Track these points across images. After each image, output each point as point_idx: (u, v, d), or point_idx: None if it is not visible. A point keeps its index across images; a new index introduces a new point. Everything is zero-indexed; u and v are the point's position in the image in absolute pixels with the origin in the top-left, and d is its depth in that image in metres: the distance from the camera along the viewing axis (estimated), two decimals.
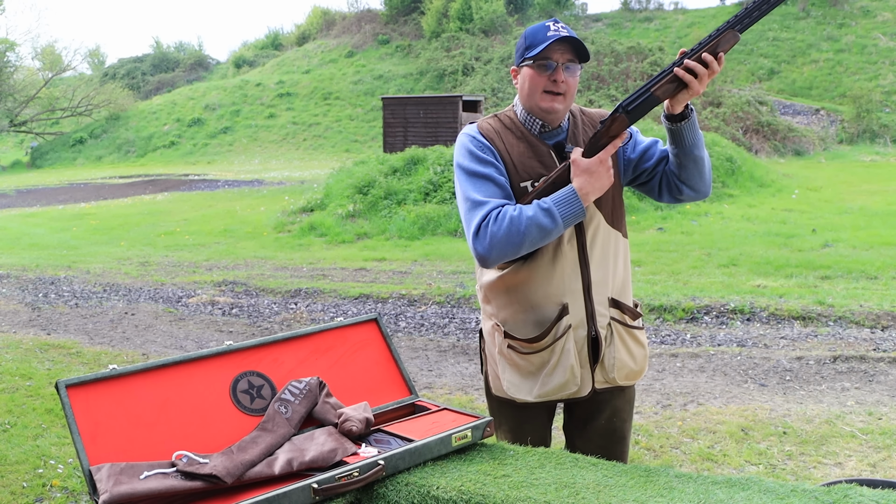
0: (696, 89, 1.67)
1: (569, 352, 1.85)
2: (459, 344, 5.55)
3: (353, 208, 11.31)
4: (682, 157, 1.82)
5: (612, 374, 1.90)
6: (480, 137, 1.87)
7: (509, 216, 1.72)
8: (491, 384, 2.00)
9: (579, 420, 2.02)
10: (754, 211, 10.66)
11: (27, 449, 3.62)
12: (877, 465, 3.29)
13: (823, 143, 21.28)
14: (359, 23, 37.89)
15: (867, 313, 5.60)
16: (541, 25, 1.81)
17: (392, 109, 17.91)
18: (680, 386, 4.44)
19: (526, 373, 1.89)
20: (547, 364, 1.86)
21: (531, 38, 1.81)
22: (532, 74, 1.82)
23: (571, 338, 1.85)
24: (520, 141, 1.87)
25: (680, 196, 1.90)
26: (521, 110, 1.90)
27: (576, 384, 1.88)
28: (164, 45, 50.89)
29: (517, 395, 1.91)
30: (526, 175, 1.85)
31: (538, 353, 1.86)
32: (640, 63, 25.81)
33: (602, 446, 1.94)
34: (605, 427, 1.99)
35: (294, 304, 6.99)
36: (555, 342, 1.85)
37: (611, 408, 1.98)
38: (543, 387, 1.88)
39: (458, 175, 1.86)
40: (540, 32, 1.80)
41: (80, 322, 6.58)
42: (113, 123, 33.42)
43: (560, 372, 1.86)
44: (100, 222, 13.30)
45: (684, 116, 1.76)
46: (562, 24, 1.81)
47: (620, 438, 2.01)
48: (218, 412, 1.61)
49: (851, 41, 26.69)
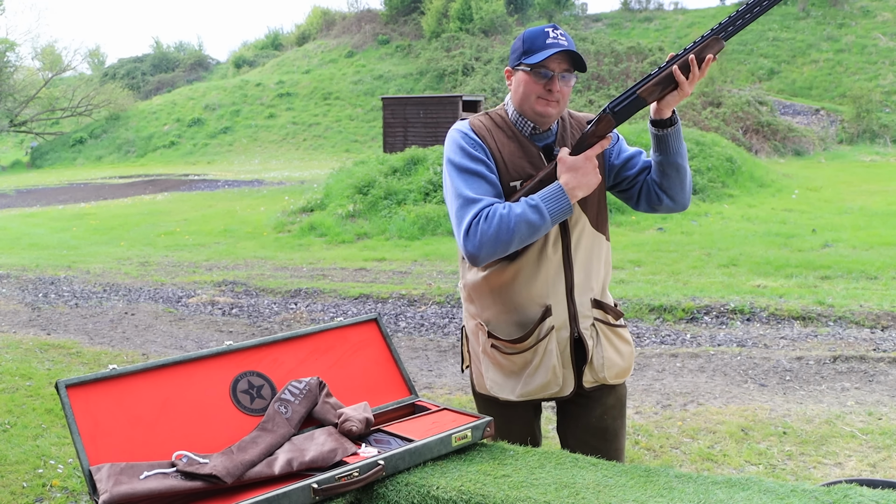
0: (685, 91, 1.70)
1: (551, 352, 1.88)
2: (459, 344, 5.55)
3: (353, 208, 11.31)
4: (665, 165, 1.85)
5: (602, 373, 1.93)
6: (472, 134, 1.87)
7: (499, 214, 1.72)
8: (475, 382, 2.02)
9: (571, 420, 2.03)
10: (754, 211, 10.67)
11: (27, 449, 3.62)
12: (877, 465, 3.29)
13: (823, 143, 21.29)
14: (359, 23, 37.90)
15: (867, 313, 5.60)
16: (540, 31, 1.80)
17: (392, 109, 17.92)
18: (680, 386, 4.44)
19: (508, 372, 1.91)
20: (529, 364, 1.89)
21: (529, 43, 1.80)
22: (528, 80, 1.82)
23: (554, 339, 1.88)
24: (510, 140, 1.87)
25: (658, 206, 1.93)
26: (513, 111, 1.90)
27: (557, 384, 1.90)
28: (164, 45, 50.94)
29: (500, 394, 1.93)
30: (516, 174, 1.85)
31: (521, 353, 1.89)
32: (640, 63, 25.81)
33: (595, 446, 1.95)
34: (597, 426, 2.00)
35: (294, 304, 6.99)
36: (537, 343, 1.87)
37: (601, 406, 1.99)
38: (526, 386, 1.90)
39: (449, 171, 1.86)
40: (539, 38, 1.79)
41: (80, 322, 6.58)
42: (113, 123, 33.42)
43: (542, 372, 1.88)
44: (100, 222, 13.30)
45: (671, 123, 1.79)
46: (561, 30, 1.81)
47: (613, 436, 2.02)
48: (218, 412, 1.61)
49: (851, 41, 26.70)
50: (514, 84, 1.87)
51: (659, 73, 1.71)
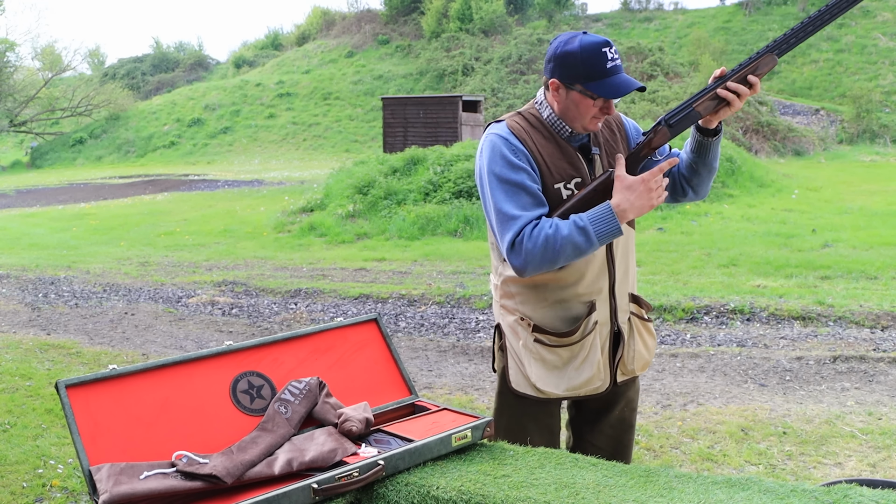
0: (736, 107, 1.75)
1: (597, 347, 1.89)
2: (459, 344, 5.55)
3: (353, 208, 11.31)
4: (699, 165, 1.90)
5: (632, 365, 1.96)
6: (514, 140, 1.82)
7: (545, 234, 1.71)
8: (511, 378, 1.96)
9: (593, 413, 2.05)
10: (754, 211, 10.67)
11: (27, 449, 3.62)
12: (877, 465, 3.29)
13: (823, 143, 21.29)
14: (359, 23, 37.92)
15: (867, 313, 5.60)
16: (597, 49, 1.73)
17: (392, 109, 17.92)
18: (680, 386, 4.44)
19: (552, 367, 1.90)
20: (575, 358, 1.89)
21: (589, 65, 1.73)
22: (582, 100, 1.78)
23: (598, 334, 1.89)
24: (548, 142, 1.85)
25: (682, 198, 1.98)
26: (551, 114, 1.85)
27: (600, 379, 1.91)
28: (163, 46, 50.95)
29: (545, 388, 1.90)
30: (559, 176, 1.83)
31: (567, 346, 1.88)
32: (640, 63, 25.81)
33: (613, 437, 2.01)
34: (619, 417, 2.04)
35: (294, 304, 6.99)
36: (584, 338, 1.87)
37: (625, 399, 2.03)
38: (571, 381, 1.89)
39: (490, 181, 1.81)
40: (599, 61, 1.72)
41: (80, 322, 6.58)
42: (113, 123, 33.43)
43: (588, 367, 1.89)
44: (100, 222, 13.30)
45: (717, 132, 1.84)
46: (614, 47, 1.76)
47: (629, 427, 2.07)
48: (218, 412, 1.61)
49: (851, 41, 26.71)
50: (562, 98, 1.81)
51: (714, 87, 1.76)
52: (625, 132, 1.99)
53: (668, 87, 24.41)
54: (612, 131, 1.96)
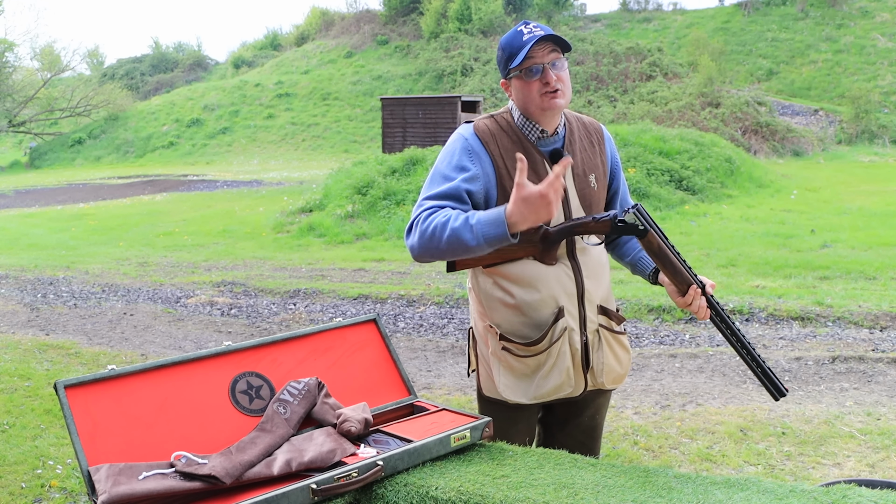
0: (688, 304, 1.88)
1: (565, 354, 1.86)
2: (458, 344, 5.55)
3: (352, 209, 11.30)
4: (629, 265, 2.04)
5: (601, 378, 1.93)
6: (475, 141, 1.83)
7: (438, 221, 1.67)
8: (482, 385, 1.98)
9: (562, 417, 2.05)
10: (753, 211, 10.67)
11: (26, 449, 3.62)
12: (875, 465, 3.29)
13: (822, 143, 21.31)
14: (358, 23, 37.92)
15: (866, 314, 5.60)
16: (514, 32, 1.79)
17: (391, 110, 17.93)
18: (679, 386, 4.44)
19: (520, 375, 1.89)
20: (543, 367, 1.87)
21: (509, 47, 1.79)
22: (523, 84, 1.79)
23: (567, 340, 1.86)
24: (514, 145, 1.83)
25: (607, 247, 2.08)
26: (519, 116, 1.86)
27: (570, 385, 1.89)
28: (162, 46, 50.91)
29: (511, 397, 1.90)
30: None
31: (534, 356, 1.86)
32: (638, 63, 25.83)
33: (581, 442, 2.02)
34: (587, 424, 2.05)
35: (293, 304, 6.99)
36: (551, 345, 1.85)
37: (594, 406, 2.04)
38: (539, 389, 1.88)
39: (431, 172, 1.85)
40: (516, 39, 1.78)
41: (79, 322, 6.58)
42: (112, 124, 33.42)
43: (556, 374, 1.87)
44: (98, 223, 13.29)
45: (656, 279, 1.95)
46: (533, 23, 1.79)
47: (598, 434, 2.10)
48: (217, 413, 1.61)
49: (850, 42, 26.73)
50: (513, 93, 1.84)
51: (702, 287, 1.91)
52: (604, 147, 1.97)
53: (667, 87, 24.43)
54: (592, 143, 1.94)
